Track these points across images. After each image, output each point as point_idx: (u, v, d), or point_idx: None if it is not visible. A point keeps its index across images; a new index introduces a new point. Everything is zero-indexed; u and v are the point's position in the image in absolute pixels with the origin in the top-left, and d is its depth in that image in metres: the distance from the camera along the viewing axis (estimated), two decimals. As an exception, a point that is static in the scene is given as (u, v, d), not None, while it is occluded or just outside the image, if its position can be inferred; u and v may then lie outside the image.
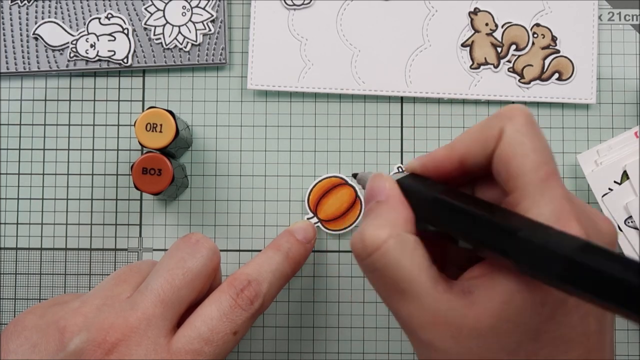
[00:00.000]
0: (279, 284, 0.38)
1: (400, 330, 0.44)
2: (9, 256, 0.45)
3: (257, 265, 0.37)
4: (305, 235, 0.41)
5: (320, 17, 0.45)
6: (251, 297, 0.35)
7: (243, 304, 0.35)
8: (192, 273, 0.35)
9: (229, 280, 0.36)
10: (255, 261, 0.37)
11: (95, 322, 0.33)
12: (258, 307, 0.36)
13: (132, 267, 0.37)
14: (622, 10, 0.46)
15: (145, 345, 0.33)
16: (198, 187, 0.45)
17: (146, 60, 0.45)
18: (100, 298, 0.34)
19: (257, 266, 0.37)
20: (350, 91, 0.45)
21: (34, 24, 0.46)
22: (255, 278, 0.36)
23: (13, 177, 0.46)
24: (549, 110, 0.45)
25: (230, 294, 0.35)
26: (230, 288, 0.35)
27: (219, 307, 0.35)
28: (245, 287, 0.35)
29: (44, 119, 0.46)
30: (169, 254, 0.36)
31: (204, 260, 0.36)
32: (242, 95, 0.46)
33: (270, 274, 0.37)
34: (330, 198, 0.44)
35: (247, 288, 0.35)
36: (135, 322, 0.33)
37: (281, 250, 0.39)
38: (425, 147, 0.45)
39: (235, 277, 0.36)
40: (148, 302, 0.34)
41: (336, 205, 0.44)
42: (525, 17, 0.45)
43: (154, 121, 0.41)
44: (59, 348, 0.33)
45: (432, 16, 0.45)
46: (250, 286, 0.35)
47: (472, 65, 0.45)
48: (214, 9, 0.45)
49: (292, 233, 0.41)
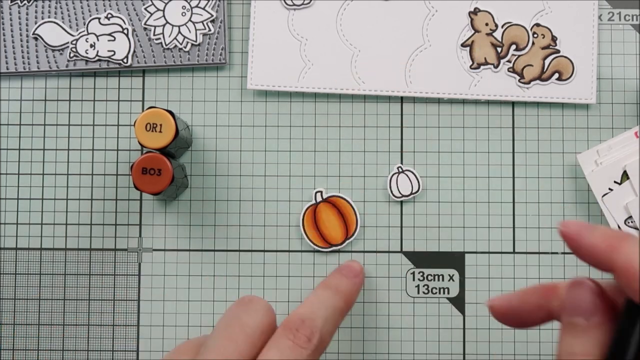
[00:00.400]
0: (335, 319, 0.38)
1: (400, 330, 0.45)
2: (9, 256, 0.45)
3: (308, 305, 0.37)
4: (351, 271, 0.42)
5: (320, 17, 0.45)
6: (308, 334, 0.35)
7: (301, 343, 0.35)
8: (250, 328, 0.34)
9: (283, 324, 0.35)
10: (306, 302, 0.37)
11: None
12: (317, 343, 0.35)
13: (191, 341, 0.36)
14: (622, 10, 0.46)
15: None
16: (198, 187, 0.45)
17: (146, 60, 0.45)
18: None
19: (308, 306, 0.37)
20: (350, 91, 0.45)
21: (33, 24, 0.46)
22: (309, 317, 0.36)
23: (13, 177, 0.46)
24: (549, 110, 0.45)
25: (286, 336, 0.35)
26: (285, 331, 0.35)
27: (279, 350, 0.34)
28: (300, 326, 0.35)
29: (44, 119, 0.46)
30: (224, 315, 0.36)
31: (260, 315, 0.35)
32: (242, 95, 0.46)
33: (322, 310, 0.37)
34: (322, 218, 0.45)
35: (302, 327, 0.35)
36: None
37: (330, 287, 0.39)
38: (425, 147, 0.45)
39: (289, 320, 0.36)
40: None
41: (332, 222, 0.44)
42: (525, 17, 0.45)
43: (154, 121, 0.41)
44: None
45: (432, 16, 0.45)
46: (305, 324, 0.35)
47: (472, 65, 0.45)
48: (214, 9, 0.45)
49: (338, 271, 0.42)
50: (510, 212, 0.45)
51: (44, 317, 0.45)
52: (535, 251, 0.45)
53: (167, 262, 0.45)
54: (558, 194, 0.45)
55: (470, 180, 0.45)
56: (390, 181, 0.45)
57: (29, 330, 0.45)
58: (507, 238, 0.45)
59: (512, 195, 0.45)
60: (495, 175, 0.45)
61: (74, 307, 0.45)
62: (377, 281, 0.45)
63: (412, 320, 0.45)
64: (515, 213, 0.45)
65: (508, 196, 0.45)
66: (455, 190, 0.45)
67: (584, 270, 0.45)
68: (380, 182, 0.45)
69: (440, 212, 0.45)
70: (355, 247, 0.45)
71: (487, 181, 0.45)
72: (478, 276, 0.45)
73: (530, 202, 0.45)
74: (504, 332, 0.45)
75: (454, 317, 0.45)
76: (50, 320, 0.45)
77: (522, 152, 0.45)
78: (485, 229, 0.45)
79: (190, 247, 0.45)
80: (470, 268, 0.45)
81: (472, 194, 0.45)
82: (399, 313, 0.45)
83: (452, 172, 0.45)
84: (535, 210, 0.45)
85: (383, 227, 0.45)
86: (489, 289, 0.45)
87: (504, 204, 0.45)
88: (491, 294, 0.45)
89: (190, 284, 0.45)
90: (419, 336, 0.45)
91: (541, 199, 0.45)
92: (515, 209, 0.45)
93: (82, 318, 0.45)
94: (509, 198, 0.45)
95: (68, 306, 0.45)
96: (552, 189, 0.45)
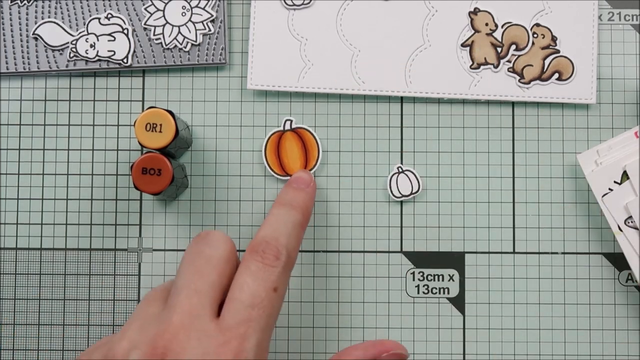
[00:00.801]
0: (297, 233, 0.38)
1: (400, 330, 0.45)
2: (9, 256, 0.45)
3: (268, 225, 0.38)
4: (302, 182, 0.42)
5: (320, 17, 0.45)
6: (275, 253, 0.36)
7: (270, 262, 0.35)
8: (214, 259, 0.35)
9: (249, 248, 0.36)
10: (265, 223, 0.38)
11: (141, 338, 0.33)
12: (286, 260, 0.36)
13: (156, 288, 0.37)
14: (622, 10, 0.46)
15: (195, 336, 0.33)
16: (198, 187, 0.45)
17: (146, 60, 0.45)
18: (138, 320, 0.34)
19: (269, 226, 0.38)
20: (350, 91, 0.45)
21: (33, 24, 0.46)
22: (272, 236, 0.37)
23: (13, 177, 0.46)
24: (549, 110, 0.45)
25: (254, 258, 0.35)
26: (252, 254, 0.36)
27: (249, 272, 0.35)
28: (265, 247, 0.36)
29: (44, 119, 0.46)
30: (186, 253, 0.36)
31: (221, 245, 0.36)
32: (242, 95, 0.46)
33: (283, 227, 0.38)
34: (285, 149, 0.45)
35: (268, 247, 0.36)
36: (177, 320, 0.33)
37: (285, 204, 0.40)
38: (425, 147, 0.45)
39: (254, 243, 0.36)
40: (182, 297, 0.34)
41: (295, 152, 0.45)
42: (525, 17, 0.45)
43: (154, 121, 0.41)
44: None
45: (432, 16, 0.45)
46: (270, 245, 0.36)
47: (472, 65, 0.45)
48: (214, 9, 0.45)
49: (289, 185, 0.42)
50: (510, 212, 0.45)
51: (44, 317, 0.45)
52: (535, 251, 0.45)
53: (167, 262, 0.45)
54: (558, 194, 0.45)
55: (470, 180, 0.45)
56: (390, 181, 0.45)
57: (29, 330, 0.45)
58: (507, 238, 0.45)
59: (512, 195, 0.45)
60: (495, 175, 0.45)
61: (74, 307, 0.45)
62: (377, 281, 0.45)
63: (412, 320, 0.45)
64: (515, 213, 0.45)
65: (508, 196, 0.45)
66: (455, 190, 0.45)
67: (584, 271, 0.45)
68: (380, 182, 0.45)
69: (440, 212, 0.45)
70: (355, 247, 0.45)
71: (487, 181, 0.45)
72: (478, 276, 0.45)
73: (530, 202, 0.45)
74: (504, 332, 0.45)
75: (454, 317, 0.45)
76: (50, 320, 0.45)
77: (522, 152, 0.45)
78: (485, 229, 0.45)
79: (190, 247, 0.45)
80: (470, 268, 0.45)
81: (472, 194, 0.45)
82: (399, 313, 0.45)
83: (452, 172, 0.45)
84: (535, 210, 0.45)
85: (383, 227, 0.45)
86: (489, 289, 0.45)
87: (504, 204, 0.45)
88: (491, 294, 0.45)
89: (190, 284, 0.45)
90: (419, 336, 0.45)
91: (541, 199, 0.45)
92: (515, 209, 0.45)
93: (82, 318, 0.45)
94: (509, 198, 0.45)
95: (68, 306, 0.45)
96: (552, 189, 0.45)
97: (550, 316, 0.45)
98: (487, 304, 0.45)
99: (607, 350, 0.44)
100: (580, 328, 0.44)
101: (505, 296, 0.45)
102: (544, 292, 0.45)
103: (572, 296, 0.45)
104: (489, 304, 0.45)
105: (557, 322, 0.45)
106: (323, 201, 0.45)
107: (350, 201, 0.45)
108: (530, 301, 0.45)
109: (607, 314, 0.44)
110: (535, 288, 0.45)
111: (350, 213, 0.45)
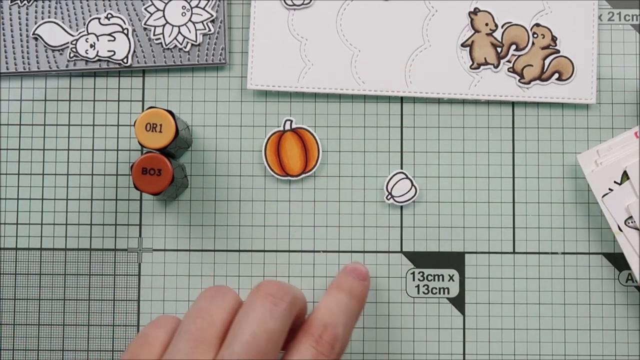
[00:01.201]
0: (352, 324, 0.37)
1: (400, 330, 0.45)
2: (9, 256, 0.45)
3: (326, 309, 0.36)
4: (360, 274, 0.40)
5: (320, 17, 0.45)
6: (331, 341, 0.34)
7: (324, 351, 0.34)
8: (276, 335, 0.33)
9: (305, 329, 0.35)
10: (322, 305, 0.36)
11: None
12: (338, 351, 0.35)
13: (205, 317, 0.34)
14: (622, 10, 0.46)
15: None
16: (198, 187, 0.45)
17: (146, 61, 0.45)
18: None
19: (327, 310, 0.36)
20: (350, 91, 0.45)
21: (34, 24, 0.46)
22: (330, 322, 0.35)
23: (13, 177, 0.46)
24: (549, 110, 0.45)
25: (309, 343, 0.34)
26: (307, 337, 0.34)
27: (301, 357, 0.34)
28: (323, 332, 0.34)
29: (44, 119, 0.46)
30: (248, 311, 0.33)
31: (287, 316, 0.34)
32: (242, 95, 0.46)
33: (342, 314, 0.36)
34: (285, 149, 0.45)
35: (325, 333, 0.34)
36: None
37: (344, 290, 0.38)
38: (425, 147, 0.45)
39: (310, 325, 0.35)
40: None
41: (295, 152, 0.45)
42: (525, 17, 0.45)
43: (154, 121, 0.41)
44: None
45: (432, 16, 0.45)
46: (327, 330, 0.35)
47: (472, 65, 0.45)
48: (214, 9, 0.45)
49: (347, 273, 0.40)
50: (510, 212, 0.45)
51: (44, 317, 0.45)
52: (535, 251, 0.45)
53: (167, 262, 0.45)
54: (558, 194, 0.45)
55: (470, 180, 0.45)
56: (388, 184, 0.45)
57: (29, 330, 0.45)
58: (507, 238, 0.45)
59: (512, 195, 0.45)
60: (495, 175, 0.45)
61: (74, 307, 0.45)
62: (377, 281, 0.45)
63: (412, 320, 0.45)
64: (515, 213, 0.45)
65: (508, 196, 0.45)
66: (455, 190, 0.45)
67: (584, 271, 0.45)
68: (380, 182, 0.45)
69: (440, 212, 0.45)
70: (355, 247, 0.45)
71: (487, 181, 0.45)
72: (478, 276, 0.45)
73: (530, 202, 0.45)
74: (504, 332, 0.45)
75: (454, 317, 0.45)
76: (50, 320, 0.45)
77: (522, 152, 0.45)
78: (485, 229, 0.45)
79: (190, 247, 0.45)
80: (470, 268, 0.45)
81: (472, 194, 0.45)
82: (399, 313, 0.45)
83: (452, 172, 0.45)
84: (535, 210, 0.45)
85: (383, 227, 0.45)
86: (489, 289, 0.45)
87: (504, 204, 0.45)
88: (491, 294, 0.45)
89: (190, 284, 0.45)
90: (419, 336, 0.45)
91: (541, 199, 0.45)
92: (515, 209, 0.45)
93: (82, 318, 0.45)
94: (509, 198, 0.45)
95: (68, 306, 0.45)
96: (552, 189, 0.45)
97: (550, 316, 0.45)
98: (487, 304, 0.45)
99: (607, 350, 0.44)
100: (580, 328, 0.44)
101: (505, 296, 0.45)
102: (544, 292, 0.45)
103: (572, 296, 0.45)
104: (489, 304, 0.45)
105: (557, 322, 0.45)
106: (323, 201, 0.45)
107: (350, 201, 0.45)
108: (530, 301, 0.45)
109: (607, 314, 0.44)
110: (535, 288, 0.45)
111: (350, 213, 0.45)
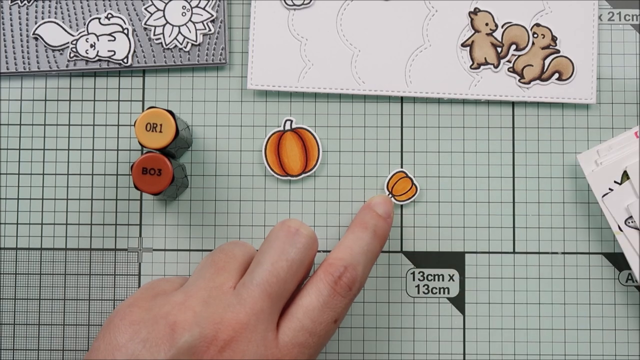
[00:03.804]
0: (371, 265, 0.37)
1: (400, 330, 0.45)
2: (9, 256, 0.45)
3: (348, 248, 0.37)
4: (386, 210, 0.40)
5: (320, 17, 0.45)
6: (349, 283, 0.35)
7: (342, 291, 0.35)
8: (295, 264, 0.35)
9: (325, 268, 0.35)
10: (345, 244, 0.37)
11: (206, 318, 0.32)
12: (356, 292, 0.35)
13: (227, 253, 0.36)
14: (622, 10, 0.46)
15: (255, 341, 0.32)
16: (198, 187, 0.45)
17: (146, 60, 0.45)
18: (204, 289, 0.34)
19: (349, 249, 0.36)
20: (350, 91, 0.45)
21: (34, 24, 0.46)
22: (350, 262, 0.36)
23: (13, 177, 0.46)
24: (549, 110, 0.45)
25: (328, 282, 0.35)
26: (327, 276, 0.35)
27: (319, 296, 0.34)
28: (342, 273, 0.35)
29: (44, 119, 0.46)
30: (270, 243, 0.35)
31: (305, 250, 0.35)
32: (242, 95, 0.46)
33: (363, 255, 0.37)
34: (285, 148, 0.45)
35: (344, 274, 0.35)
36: (245, 317, 0.33)
37: (368, 228, 0.38)
38: (425, 147, 0.45)
39: (331, 264, 0.35)
40: (256, 296, 0.33)
41: (295, 152, 0.45)
42: (525, 17, 0.45)
43: (154, 121, 0.41)
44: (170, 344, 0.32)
45: (432, 16, 0.45)
46: (347, 272, 0.35)
47: (472, 65, 0.45)
48: (214, 9, 0.45)
49: (371, 209, 0.40)
50: (510, 212, 0.45)
51: (44, 317, 0.45)
52: (535, 251, 0.45)
53: (167, 262, 0.45)
54: (558, 194, 0.45)
55: (470, 180, 0.45)
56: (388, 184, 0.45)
57: (29, 330, 0.45)
58: (507, 238, 0.45)
59: (512, 195, 0.45)
60: (495, 175, 0.45)
61: (74, 307, 0.45)
62: (377, 281, 0.45)
63: (412, 320, 0.45)
64: (515, 213, 0.45)
65: (508, 196, 0.45)
66: (455, 190, 0.45)
67: (584, 271, 0.45)
68: (380, 182, 0.45)
69: (440, 212, 0.45)
70: (355, 247, 0.45)
71: (487, 181, 0.45)
72: (478, 276, 0.45)
73: (530, 202, 0.45)
74: (504, 332, 0.45)
75: (454, 317, 0.45)
76: (50, 320, 0.45)
77: (522, 152, 0.45)
78: (485, 229, 0.45)
79: (190, 247, 0.45)
80: (470, 268, 0.45)
81: (472, 194, 0.45)
82: (399, 313, 0.45)
83: (452, 172, 0.45)
84: (535, 210, 0.45)
85: (383, 227, 0.45)
86: (489, 289, 0.45)
87: (504, 204, 0.45)
88: (491, 294, 0.45)
89: (190, 284, 0.45)
90: (419, 336, 0.45)
91: (541, 199, 0.45)
92: (515, 209, 0.45)
93: (82, 318, 0.45)
94: (509, 198, 0.45)
95: (68, 306, 0.45)
96: (552, 189, 0.45)
97: (550, 316, 0.45)
98: (487, 304, 0.45)
99: (607, 350, 0.44)
100: (580, 328, 0.44)
101: (505, 296, 0.45)
102: (544, 292, 0.45)
103: (572, 296, 0.45)
104: (489, 304, 0.45)
105: (557, 322, 0.45)
106: (323, 201, 0.45)
107: (350, 201, 0.45)
108: (530, 301, 0.45)
109: (607, 314, 0.44)
110: (535, 288, 0.45)
111: (351, 213, 0.45)
